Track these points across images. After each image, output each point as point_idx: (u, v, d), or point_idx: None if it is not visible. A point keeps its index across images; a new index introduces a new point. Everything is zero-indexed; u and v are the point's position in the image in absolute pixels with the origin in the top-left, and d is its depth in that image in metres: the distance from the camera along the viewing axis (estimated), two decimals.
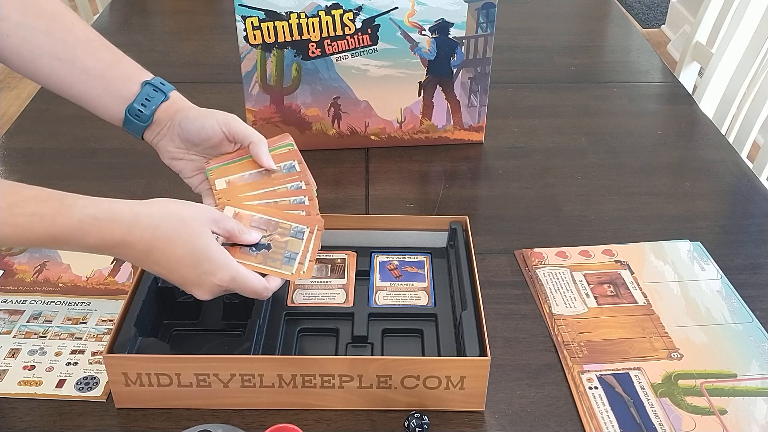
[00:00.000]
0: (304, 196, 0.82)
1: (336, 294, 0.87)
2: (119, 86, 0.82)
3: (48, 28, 0.80)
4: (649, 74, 1.48)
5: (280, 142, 0.85)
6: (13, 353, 0.81)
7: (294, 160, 0.83)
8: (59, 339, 0.83)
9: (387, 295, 0.87)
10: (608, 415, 0.75)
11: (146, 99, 0.82)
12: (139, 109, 0.81)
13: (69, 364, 0.80)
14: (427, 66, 1.13)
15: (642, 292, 0.91)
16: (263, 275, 0.76)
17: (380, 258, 0.92)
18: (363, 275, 0.90)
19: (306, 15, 1.06)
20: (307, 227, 0.80)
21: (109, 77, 0.82)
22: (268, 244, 0.78)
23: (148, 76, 0.84)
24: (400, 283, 0.89)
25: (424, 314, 0.84)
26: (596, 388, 0.78)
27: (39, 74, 0.81)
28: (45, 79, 0.82)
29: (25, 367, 0.79)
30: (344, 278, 0.89)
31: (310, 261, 0.78)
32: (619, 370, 0.80)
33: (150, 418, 0.74)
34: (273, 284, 0.76)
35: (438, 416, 0.74)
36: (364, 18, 1.07)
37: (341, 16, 1.07)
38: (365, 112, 1.15)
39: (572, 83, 1.41)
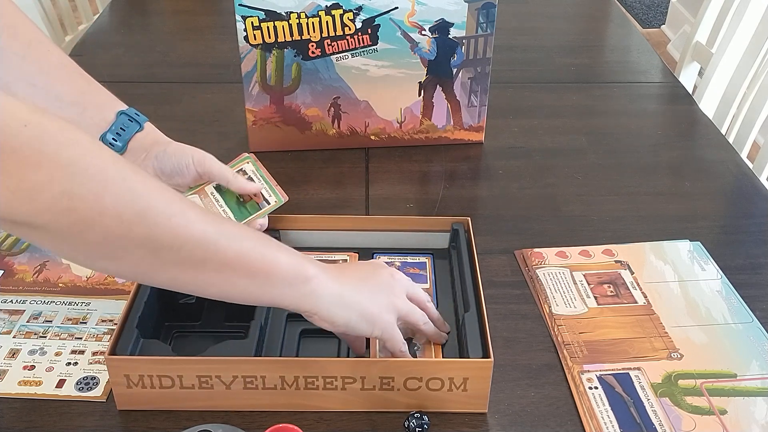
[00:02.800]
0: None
1: None
2: (93, 114, 0.82)
3: (24, 53, 0.80)
4: (649, 74, 1.48)
5: (237, 159, 0.89)
6: (13, 353, 0.81)
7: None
8: (59, 339, 0.83)
9: None
10: (608, 415, 0.75)
11: (121, 128, 0.82)
12: (113, 138, 0.82)
13: (69, 364, 0.80)
14: (427, 66, 1.13)
15: (642, 292, 0.91)
16: None
17: (382, 259, 0.92)
18: None
19: (306, 15, 1.06)
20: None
21: (83, 104, 0.82)
22: None
23: (123, 106, 0.84)
24: None
25: None
26: (596, 388, 0.78)
27: (17, 97, 0.81)
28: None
29: (25, 367, 0.79)
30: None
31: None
32: (619, 370, 0.81)
33: (150, 419, 0.74)
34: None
35: (438, 416, 0.74)
36: (364, 18, 1.07)
37: (341, 16, 1.07)
38: (365, 112, 1.15)
39: (572, 83, 1.41)
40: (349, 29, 1.08)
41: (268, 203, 0.87)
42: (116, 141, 0.82)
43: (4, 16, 0.79)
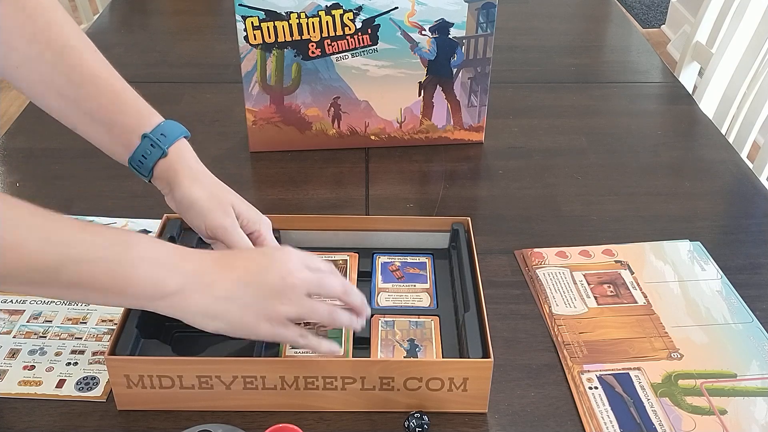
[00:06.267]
0: None
1: None
2: (120, 135, 0.78)
3: (55, 62, 0.75)
4: (649, 74, 1.48)
5: None
6: (13, 353, 0.81)
7: None
8: (59, 339, 0.83)
9: (389, 296, 0.87)
10: (608, 415, 0.75)
11: (143, 156, 0.77)
12: (139, 161, 0.78)
13: (69, 364, 0.80)
14: (427, 66, 1.13)
15: (642, 292, 0.91)
16: None
17: (382, 259, 0.92)
18: (365, 276, 0.89)
19: (306, 15, 1.06)
20: None
21: (110, 124, 0.78)
22: None
23: (152, 125, 0.78)
24: (402, 284, 0.89)
25: (426, 316, 0.84)
26: (596, 388, 0.78)
27: (49, 108, 0.78)
28: (55, 114, 0.78)
29: (25, 367, 0.79)
30: (346, 279, 0.89)
31: None
32: (619, 370, 0.81)
33: (150, 418, 0.74)
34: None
35: (438, 416, 0.74)
36: (364, 18, 1.07)
37: (341, 16, 1.07)
38: (365, 112, 1.15)
39: (572, 83, 1.41)
40: (349, 29, 1.08)
41: None
42: (141, 166, 0.78)
43: (38, 20, 0.75)
